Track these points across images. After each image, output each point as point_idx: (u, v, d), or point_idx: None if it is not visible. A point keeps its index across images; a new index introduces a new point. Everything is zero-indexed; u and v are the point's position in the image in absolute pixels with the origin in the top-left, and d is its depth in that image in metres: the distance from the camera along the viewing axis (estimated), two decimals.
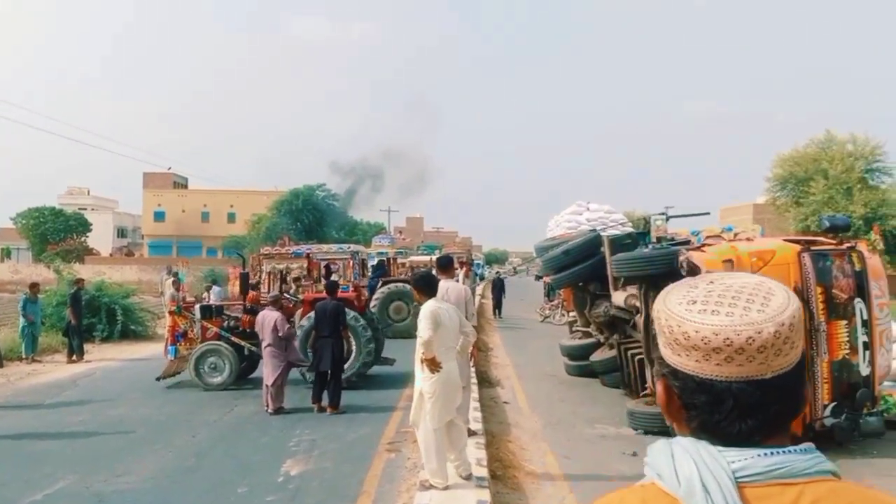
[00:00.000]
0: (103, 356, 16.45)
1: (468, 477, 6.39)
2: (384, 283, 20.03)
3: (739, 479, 1.05)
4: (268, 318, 10.48)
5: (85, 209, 78.36)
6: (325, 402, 10.32)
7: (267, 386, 10.37)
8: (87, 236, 69.73)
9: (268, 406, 10.29)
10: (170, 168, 74.26)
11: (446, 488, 6.17)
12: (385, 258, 24.52)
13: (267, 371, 10.44)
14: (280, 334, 10.36)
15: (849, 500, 1.05)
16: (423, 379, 6.34)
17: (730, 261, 8.35)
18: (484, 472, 6.41)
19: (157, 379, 12.36)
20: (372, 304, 18.71)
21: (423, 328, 6.32)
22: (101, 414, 10.43)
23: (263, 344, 10.50)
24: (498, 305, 27.62)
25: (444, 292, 7.31)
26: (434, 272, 8.12)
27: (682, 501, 1.06)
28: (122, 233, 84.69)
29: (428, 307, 6.53)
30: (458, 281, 11.42)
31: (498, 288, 28.31)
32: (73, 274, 23.22)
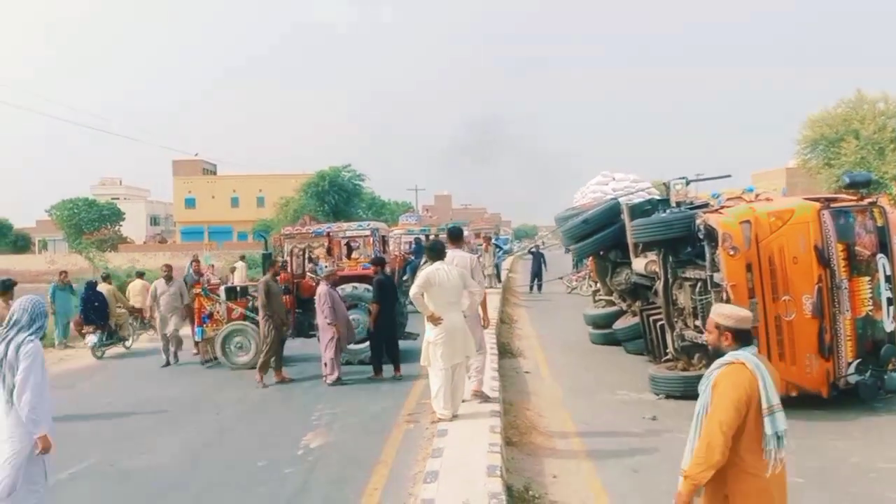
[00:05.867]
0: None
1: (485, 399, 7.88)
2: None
3: None
4: (316, 293, 10.83)
5: (118, 199, 79.62)
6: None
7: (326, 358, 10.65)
8: (120, 225, 70.88)
9: (326, 378, 10.60)
10: (196, 154, 74.84)
11: (454, 418, 7.25)
12: (426, 235, 24.60)
13: (321, 345, 10.77)
14: (321, 306, 10.58)
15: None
16: (428, 328, 7.46)
17: (747, 222, 8.19)
18: (497, 440, 6.40)
19: (202, 363, 12.57)
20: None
21: (412, 287, 7.57)
22: (129, 395, 10.63)
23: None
24: (536, 278, 25.52)
25: (450, 259, 7.96)
26: (447, 242, 8.53)
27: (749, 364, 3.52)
28: (154, 221, 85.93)
29: (424, 270, 7.68)
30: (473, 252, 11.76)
31: (537, 260, 26.14)
32: (104, 262, 23.59)
